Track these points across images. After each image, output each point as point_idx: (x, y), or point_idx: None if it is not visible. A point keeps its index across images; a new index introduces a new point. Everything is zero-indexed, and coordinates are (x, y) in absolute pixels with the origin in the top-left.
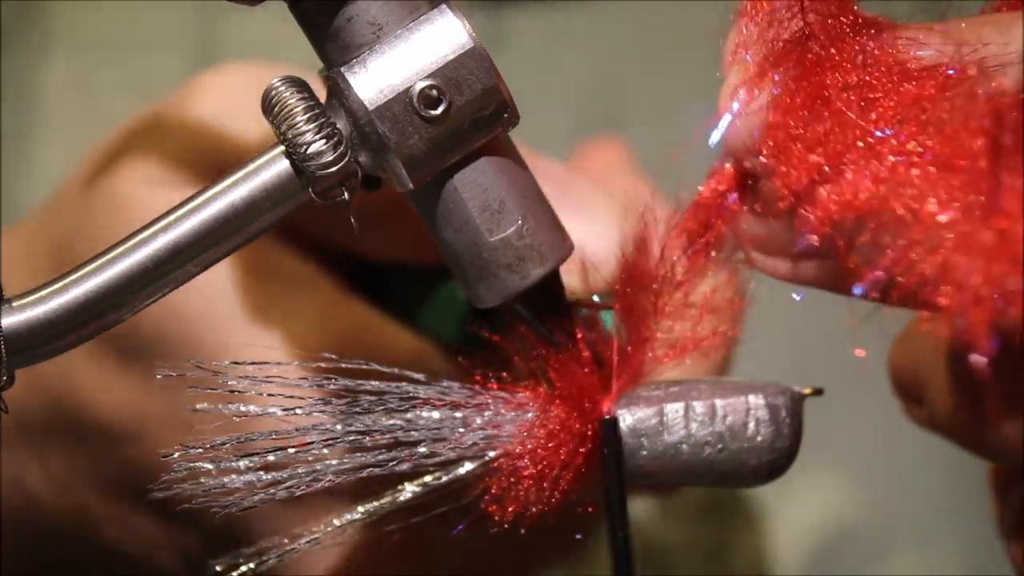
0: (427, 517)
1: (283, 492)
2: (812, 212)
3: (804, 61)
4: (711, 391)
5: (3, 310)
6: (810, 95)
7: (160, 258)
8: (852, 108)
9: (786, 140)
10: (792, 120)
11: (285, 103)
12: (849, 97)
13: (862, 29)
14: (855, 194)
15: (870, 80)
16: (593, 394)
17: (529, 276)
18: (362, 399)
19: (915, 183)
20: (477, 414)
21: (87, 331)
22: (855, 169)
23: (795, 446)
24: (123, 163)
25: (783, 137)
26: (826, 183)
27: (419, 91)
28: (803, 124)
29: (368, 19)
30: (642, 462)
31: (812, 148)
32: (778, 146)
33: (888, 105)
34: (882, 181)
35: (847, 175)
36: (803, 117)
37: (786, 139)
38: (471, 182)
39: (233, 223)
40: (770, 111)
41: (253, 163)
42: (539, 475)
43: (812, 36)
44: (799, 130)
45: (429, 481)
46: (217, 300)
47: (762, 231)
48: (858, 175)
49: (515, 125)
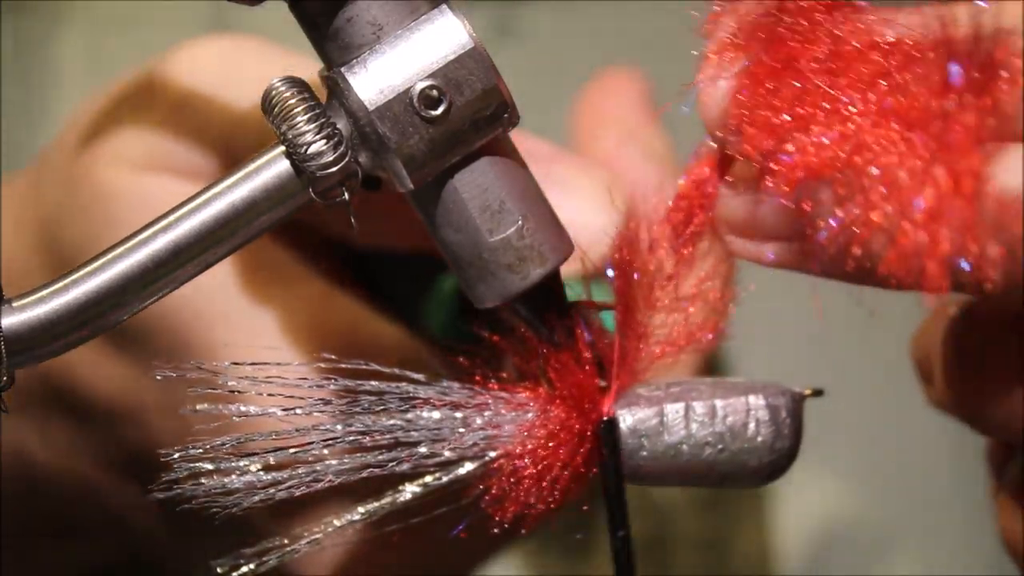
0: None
1: (283, 492)
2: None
3: (775, 35)
4: (711, 392)
5: (3, 310)
6: (780, 65)
7: (160, 258)
8: (820, 76)
9: (754, 106)
10: (760, 88)
11: (285, 103)
12: (818, 67)
13: (833, 8)
14: (819, 154)
15: (839, 52)
16: (593, 394)
17: (529, 276)
18: (362, 399)
19: (877, 142)
20: (477, 414)
21: (87, 331)
22: (819, 131)
23: (795, 447)
24: (106, 144)
25: (751, 104)
26: (792, 144)
27: (419, 91)
28: (771, 91)
29: (368, 19)
30: (642, 462)
31: (778, 112)
32: (746, 112)
33: (855, 75)
34: (845, 140)
35: (812, 136)
36: (772, 85)
37: (754, 105)
38: (471, 182)
39: (233, 223)
40: (739, 81)
41: (253, 163)
42: (539, 475)
43: (784, 11)
44: (767, 97)
45: (429, 481)
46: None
47: (738, 214)
48: (822, 135)
49: (515, 125)
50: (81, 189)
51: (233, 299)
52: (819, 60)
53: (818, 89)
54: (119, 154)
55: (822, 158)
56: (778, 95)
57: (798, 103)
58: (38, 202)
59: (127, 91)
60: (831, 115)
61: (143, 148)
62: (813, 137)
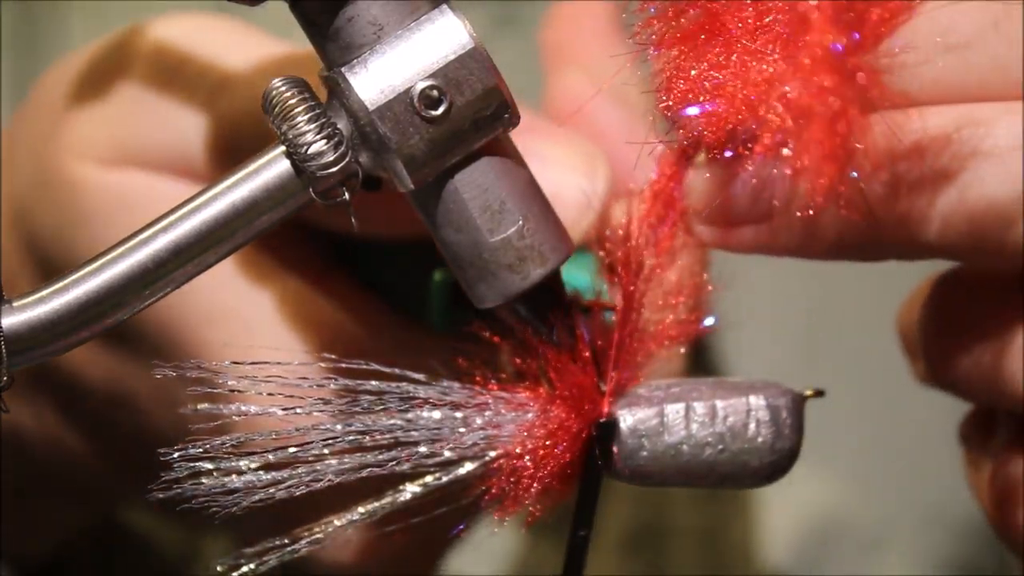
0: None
1: (283, 492)
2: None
3: (704, 7)
4: (712, 392)
5: (3, 310)
6: (705, 30)
7: (161, 258)
8: (743, 34)
9: (678, 63)
10: (687, 52)
11: (285, 103)
12: (741, 25)
13: None
14: (735, 95)
15: (762, 12)
16: (593, 394)
17: (530, 276)
18: (362, 399)
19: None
20: (477, 414)
21: (88, 331)
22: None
23: (796, 447)
24: (74, 134)
25: (678, 65)
26: (709, 89)
27: (420, 91)
28: (697, 52)
29: (369, 19)
30: (642, 463)
31: (700, 64)
32: (673, 71)
33: (776, 31)
34: (755, 77)
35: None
36: (698, 48)
37: (680, 65)
38: (472, 182)
39: (234, 223)
40: (665, 44)
41: (254, 163)
42: (539, 475)
43: None
44: (692, 57)
45: (429, 481)
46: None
47: (700, 200)
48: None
49: (516, 125)
50: (50, 182)
51: (223, 295)
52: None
53: (738, 43)
54: (87, 146)
55: (731, 94)
56: (700, 56)
57: (718, 55)
58: (9, 180)
59: (95, 70)
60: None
61: (110, 140)
62: (723, 79)
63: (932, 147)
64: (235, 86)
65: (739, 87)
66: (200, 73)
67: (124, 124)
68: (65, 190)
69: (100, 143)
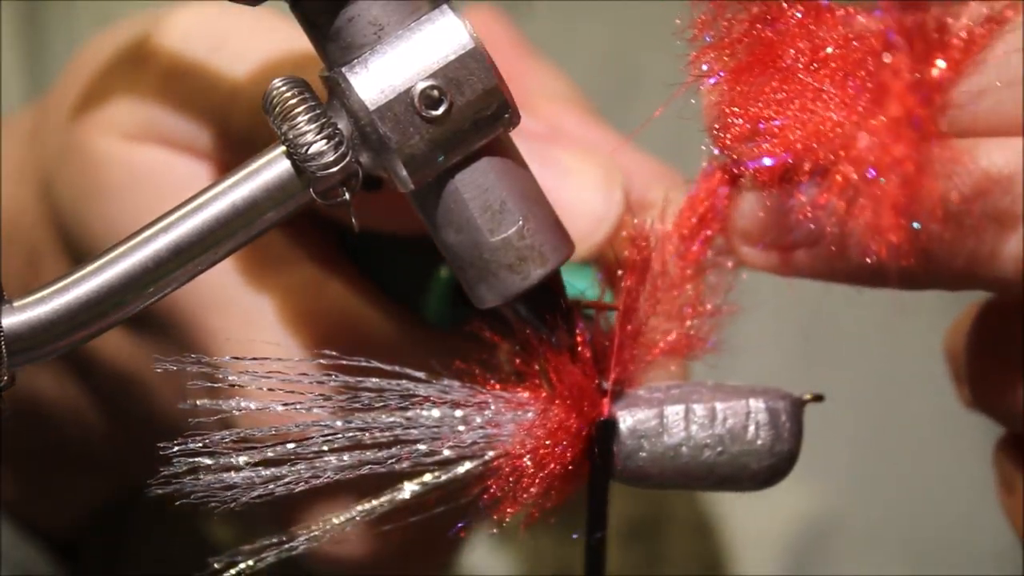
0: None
1: (282, 488)
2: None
3: (759, 36)
4: (712, 394)
5: (3, 310)
6: (761, 62)
7: (161, 258)
8: (800, 69)
9: (736, 99)
10: (743, 84)
11: (286, 103)
12: (799, 60)
13: (814, 9)
14: (795, 137)
15: (819, 46)
16: (592, 395)
17: (530, 276)
18: (362, 396)
19: (849, 122)
20: (477, 413)
21: (88, 331)
22: (797, 116)
23: (795, 450)
24: (99, 111)
25: (734, 98)
26: (770, 130)
27: (420, 91)
28: (753, 85)
29: (369, 19)
30: (641, 463)
31: (758, 102)
32: (730, 108)
33: (834, 67)
34: (821, 122)
35: (791, 120)
36: (754, 80)
37: (736, 98)
38: (472, 182)
39: (234, 223)
40: (724, 79)
41: (254, 163)
42: (538, 476)
43: (767, 14)
44: (749, 90)
45: (428, 480)
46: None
47: (751, 223)
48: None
49: (516, 125)
50: (73, 156)
51: (228, 283)
52: (800, 52)
53: (798, 79)
54: (111, 123)
55: (793, 138)
56: (759, 88)
57: (777, 92)
58: (38, 153)
59: (123, 52)
60: (809, 102)
61: (135, 117)
62: (785, 121)
63: (997, 187)
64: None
65: (800, 135)
66: (232, 59)
67: (151, 103)
68: (86, 161)
69: (125, 119)
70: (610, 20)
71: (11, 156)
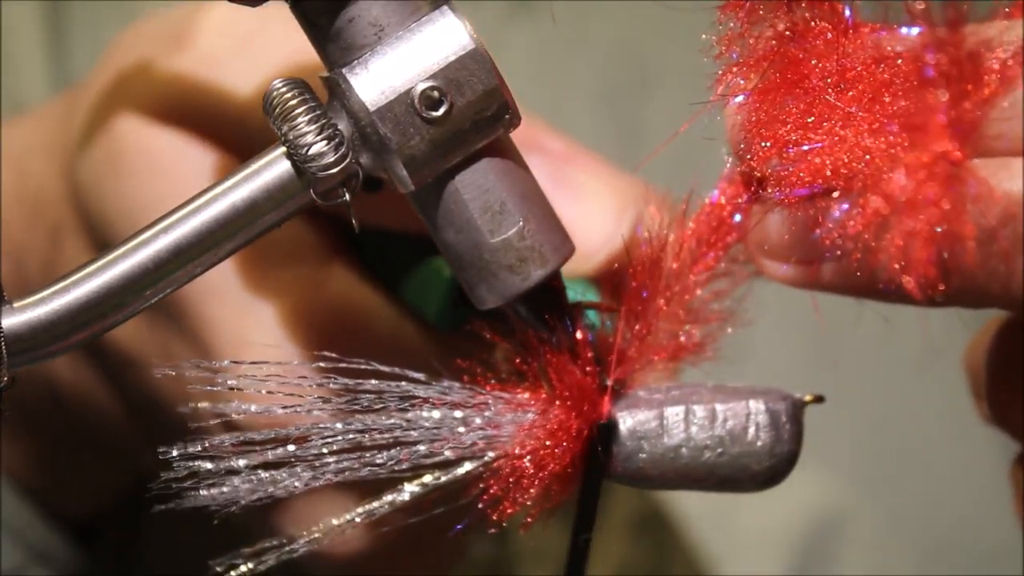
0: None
1: (281, 491)
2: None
3: (785, 54)
4: (712, 395)
5: (4, 311)
6: (789, 81)
7: (161, 259)
8: (828, 91)
9: (763, 120)
10: (769, 103)
11: (286, 104)
12: (826, 80)
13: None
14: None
15: (847, 66)
16: (592, 396)
17: (530, 277)
18: (361, 397)
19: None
20: (477, 414)
21: (88, 332)
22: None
23: (795, 452)
24: (128, 96)
25: (761, 119)
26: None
27: (420, 92)
28: (780, 105)
29: (369, 20)
30: (641, 465)
31: (785, 124)
32: (757, 128)
33: (863, 88)
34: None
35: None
36: (781, 100)
37: (762, 119)
38: (472, 183)
39: (234, 224)
40: (750, 99)
41: (254, 164)
42: (538, 476)
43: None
44: (775, 110)
45: (428, 481)
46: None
47: (776, 241)
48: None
49: (516, 126)
50: (96, 136)
51: (228, 275)
52: (828, 73)
53: (825, 101)
54: (136, 106)
55: (822, 164)
56: (786, 109)
57: (805, 115)
58: (66, 132)
59: (157, 39)
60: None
61: (160, 104)
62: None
63: None
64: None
65: (829, 161)
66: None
67: (178, 91)
68: (108, 142)
69: (150, 104)
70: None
71: (44, 133)
